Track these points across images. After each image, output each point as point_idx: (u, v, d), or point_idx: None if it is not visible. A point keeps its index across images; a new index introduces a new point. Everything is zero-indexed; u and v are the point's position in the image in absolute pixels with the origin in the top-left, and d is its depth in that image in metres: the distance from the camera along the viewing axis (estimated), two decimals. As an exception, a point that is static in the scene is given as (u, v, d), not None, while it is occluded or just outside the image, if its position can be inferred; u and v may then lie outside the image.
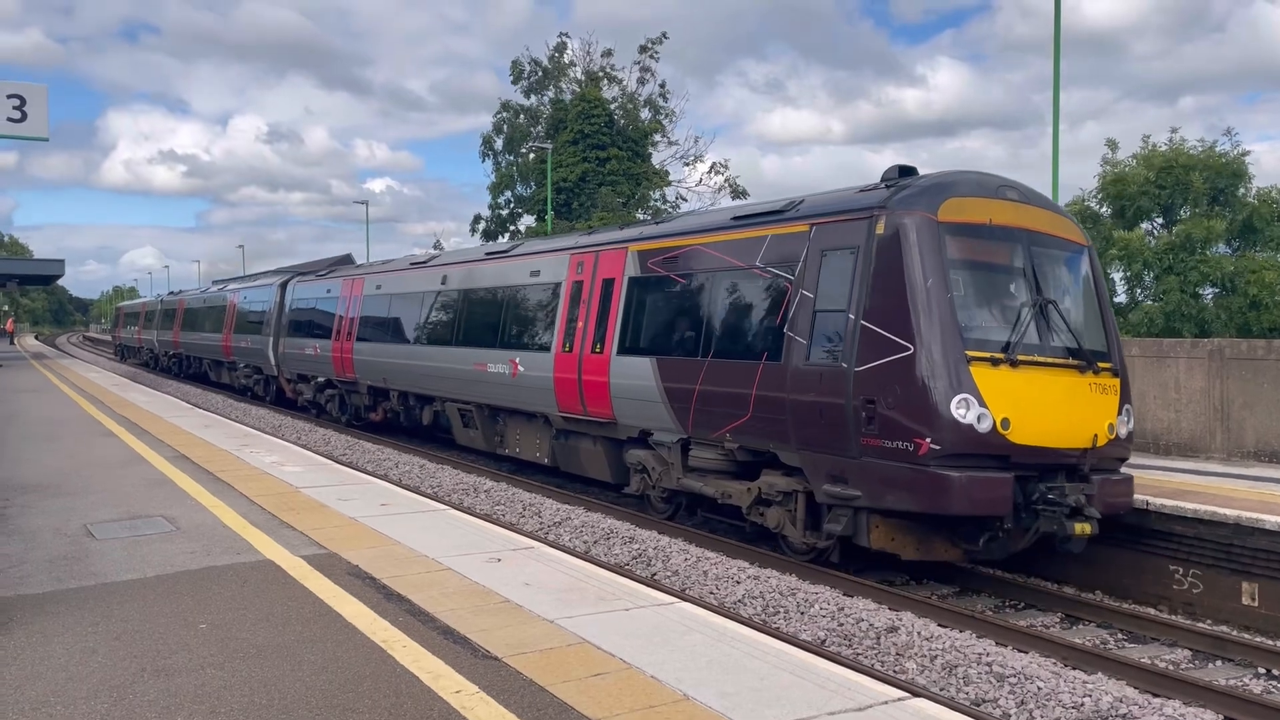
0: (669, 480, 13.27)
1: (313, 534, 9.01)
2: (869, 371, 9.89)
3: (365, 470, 16.20)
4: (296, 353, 27.94)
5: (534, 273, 16.62)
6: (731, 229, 12.47)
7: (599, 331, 14.35)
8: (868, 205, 10.47)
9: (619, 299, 14.09)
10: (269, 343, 30.18)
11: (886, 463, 9.77)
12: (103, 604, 6.81)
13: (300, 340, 27.68)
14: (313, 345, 26.52)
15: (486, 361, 17.33)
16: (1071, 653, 8.56)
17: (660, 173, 59.49)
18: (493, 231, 61.51)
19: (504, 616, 6.51)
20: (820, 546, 11.16)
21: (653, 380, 13.02)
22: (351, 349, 23.76)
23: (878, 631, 8.76)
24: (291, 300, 29.20)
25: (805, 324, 10.74)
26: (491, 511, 14.34)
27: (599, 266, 14.81)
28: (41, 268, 45.79)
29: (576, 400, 14.79)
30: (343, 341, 24.32)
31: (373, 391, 23.29)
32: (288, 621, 6.42)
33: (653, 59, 59.69)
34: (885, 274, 9.99)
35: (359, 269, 26.46)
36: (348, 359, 23.99)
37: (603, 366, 14.10)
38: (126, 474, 12.43)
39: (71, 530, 9.16)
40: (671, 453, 13.06)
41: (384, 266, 24.48)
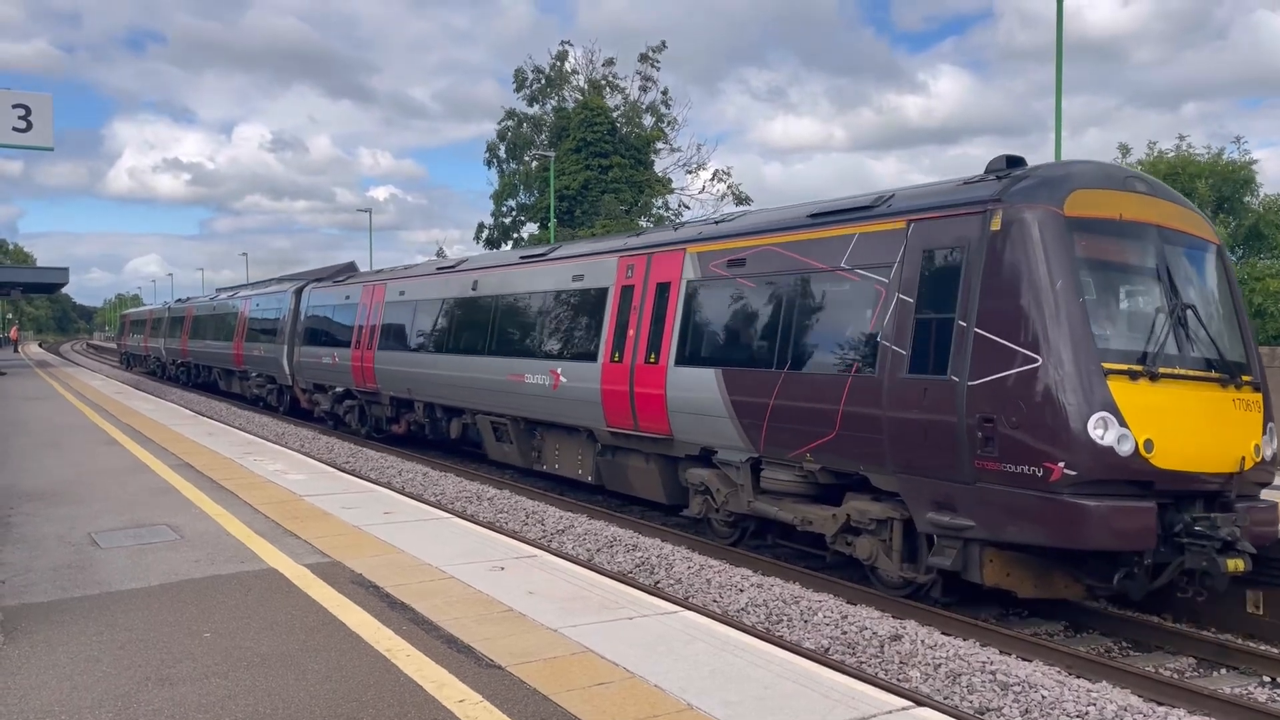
0: (737, 503, 12.12)
1: (316, 542, 9.03)
2: (986, 386, 8.85)
3: (368, 478, 16.21)
4: (313, 362, 26.90)
5: (577, 277, 15.56)
6: (810, 228, 11.38)
7: (653, 340, 13.31)
8: (979, 199, 9.40)
9: (676, 305, 13.05)
10: (283, 351, 29.18)
11: (1008, 489, 8.69)
12: (107, 613, 6.82)
13: (317, 349, 26.64)
14: (330, 354, 25.45)
15: (524, 372, 16.27)
16: (1076, 661, 8.54)
17: (663, 180, 59.62)
18: (495, 239, 61.61)
19: (507, 625, 6.51)
20: (920, 581, 10.01)
21: (717, 394, 11.96)
22: (373, 358, 22.77)
23: (881, 640, 8.75)
24: (307, 307, 28.22)
25: (904, 332, 9.72)
26: (494, 519, 14.35)
27: (652, 270, 13.74)
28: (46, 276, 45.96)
29: (627, 414, 13.78)
30: (363, 350, 23.33)
31: (396, 403, 22.29)
32: (291, 630, 6.43)
33: (654, 67, 59.88)
34: (1004, 275, 8.96)
35: (379, 274, 25.02)
36: (369, 369, 23.00)
37: (658, 378, 13.09)
38: (130, 482, 12.45)
39: (76, 538, 9.17)
40: (740, 473, 11.94)
41: (407, 271, 23.45)
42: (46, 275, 46.02)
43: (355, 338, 23.94)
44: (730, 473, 12.16)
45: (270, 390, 31.52)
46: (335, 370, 25.20)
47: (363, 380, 23.42)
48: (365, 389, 23.48)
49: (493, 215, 62.98)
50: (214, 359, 38.68)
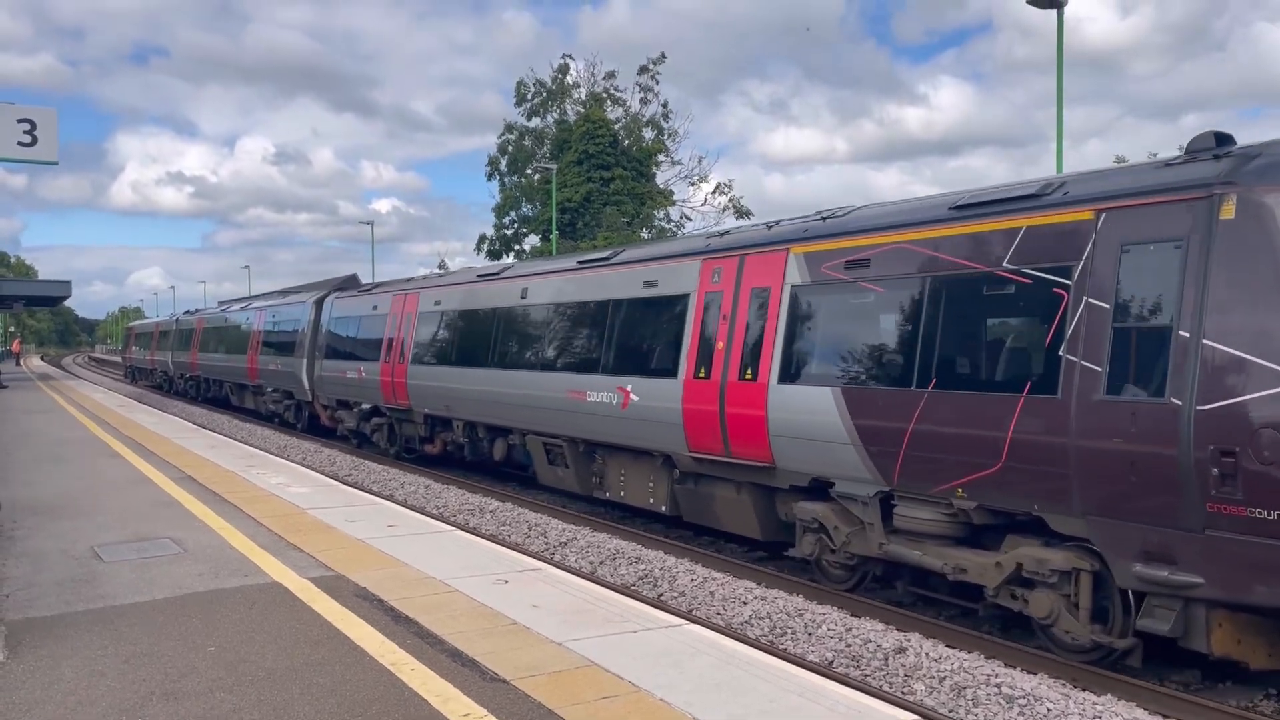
0: (862, 544, 10.48)
1: (320, 556, 9.03)
2: (1224, 411, 7.28)
3: (371, 491, 16.21)
4: (336, 376, 25.10)
5: (649, 283, 13.90)
6: (955, 221, 9.68)
7: (749, 354, 11.65)
8: (1198, 181, 7.81)
9: (778, 314, 11.38)
10: (302, 365, 27.49)
11: (1256, 540, 7.14)
12: (111, 627, 6.82)
13: (340, 363, 24.81)
14: (356, 368, 23.64)
15: (585, 389, 14.62)
16: (1080, 673, 8.52)
17: (665, 192, 59.75)
18: (498, 251, 61.73)
19: (512, 638, 6.51)
20: (1117, 647, 8.33)
21: (836, 416, 10.33)
22: (405, 373, 20.98)
23: (886, 653, 8.74)
24: (329, 318, 26.38)
25: (1097, 344, 8.12)
26: (497, 532, 14.34)
27: (745, 274, 12.05)
28: (48, 289, 46.06)
29: (715, 438, 12.10)
30: (394, 364, 21.53)
31: (430, 421, 20.56)
32: (296, 644, 6.42)
33: (655, 79, 60.09)
34: (1244, 275, 7.41)
35: (410, 283, 23.15)
36: (400, 384, 21.20)
37: (756, 398, 11.44)
38: (133, 495, 12.46)
39: (79, 552, 9.17)
40: (867, 509, 10.27)
41: (442, 280, 21.86)
42: (48, 288, 46.14)
43: (384, 351, 22.19)
44: (853, 508, 10.52)
45: (287, 406, 29.88)
46: (361, 386, 23.43)
47: (393, 396, 21.74)
48: (396, 406, 21.78)
49: (494, 227, 63.19)
50: (226, 373, 37.01)
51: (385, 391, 22.07)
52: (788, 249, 11.57)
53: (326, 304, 27.08)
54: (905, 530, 9.89)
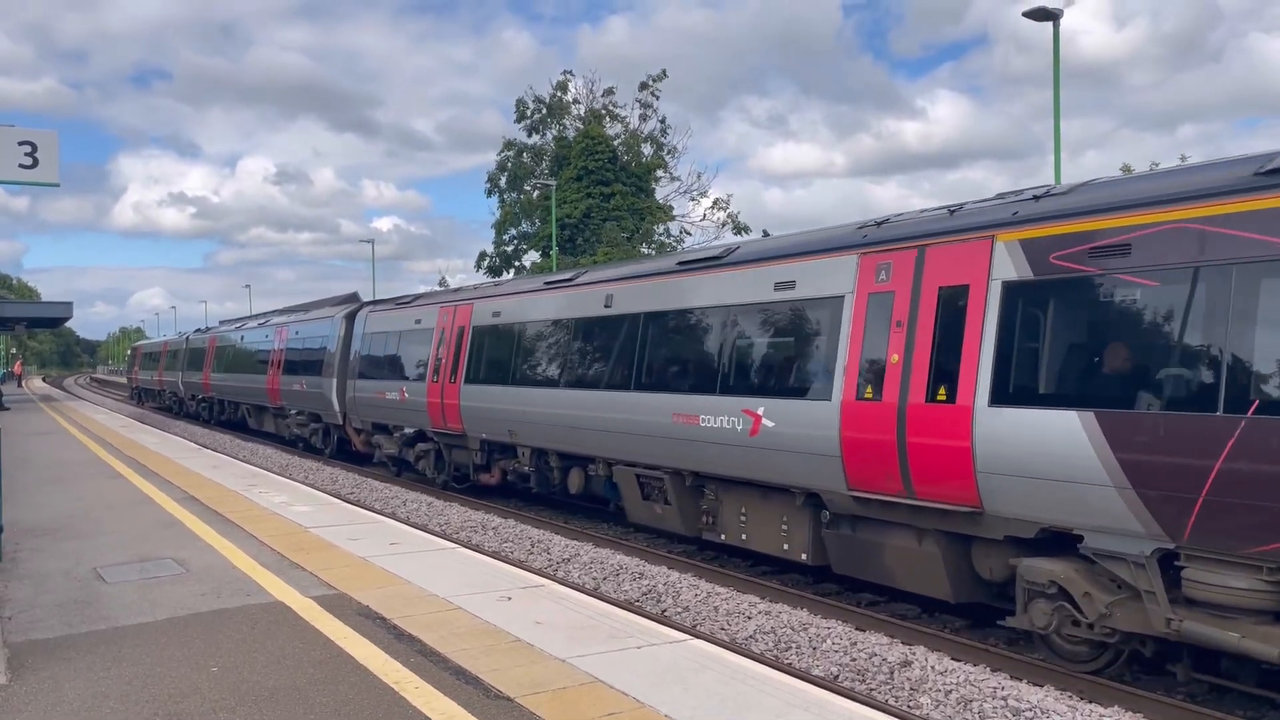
0: (1132, 618, 8.19)
1: (322, 574, 9.01)
2: None
3: (373, 509, 16.18)
4: (372, 398, 22.68)
5: (783, 285, 11.64)
6: (1268, 190, 7.40)
7: (940, 370, 9.47)
8: None
9: (983, 318, 9.18)
10: (331, 386, 25.21)
11: None
12: (114, 648, 6.81)
13: (378, 383, 22.39)
14: (397, 389, 21.24)
15: (698, 412, 12.33)
16: (1087, 686, 8.48)
17: (664, 208, 59.86)
18: (497, 268, 61.82)
19: (516, 656, 6.49)
20: None
21: (1088, 448, 8.09)
22: (457, 394, 18.59)
23: (891, 666, 8.70)
24: (363, 334, 23.94)
25: None
26: (500, 549, 14.31)
27: (926, 269, 9.86)
28: (49, 310, 46.06)
29: (889, 473, 9.86)
30: (443, 384, 19.18)
31: (488, 447, 18.28)
32: (299, 664, 6.40)
33: (654, 95, 60.31)
34: None
35: (462, 293, 20.95)
36: (452, 406, 18.79)
37: (956, 424, 9.19)
38: (135, 516, 12.44)
39: (82, 573, 9.16)
40: (1141, 573, 7.96)
41: (501, 289, 19.21)
42: (50, 310, 46.12)
43: (432, 369, 19.77)
44: (1117, 570, 8.20)
45: (314, 430, 27.47)
46: (404, 408, 20.98)
47: (442, 420, 19.32)
48: (446, 430, 19.33)
49: (494, 244, 63.31)
50: (243, 394, 34.65)
51: (433, 414, 19.66)
52: (992, 236, 9.34)
53: (359, 319, 24.61)
54: (1205, 602, 7.59)
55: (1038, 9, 22.55)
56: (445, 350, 19.46)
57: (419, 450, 20.92)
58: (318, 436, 27.36)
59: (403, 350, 21.59)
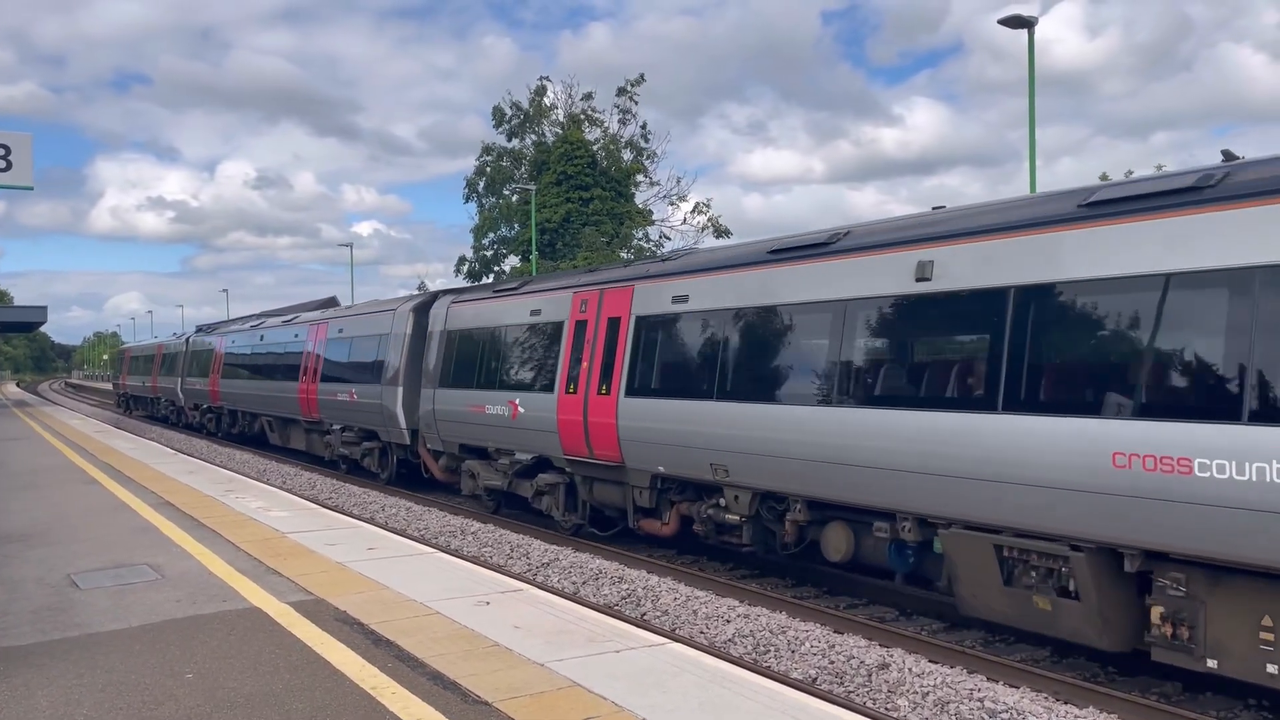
0: None
1: (299, 580, 8.96)
2: None
3: (351, 514, 16.11)
4: (462, 413, 17.75)
5: None
6: None
7: None
8: None
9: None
10: (395, 396, 20.44)
11: None
12: (87, 655, 6.74)
13: (471, 393, 17.44)
14: (503, 402, 16.32)
15: (1190, 453, 7.32)
16: (1063, 687, 8.54)
17: (644, 212, 59.94)
18: (477, 273, 61.71)
19: (494, 660, 6.47)
20: None
21: None
22: (612, 410, 13.66)
23: (869, 669, 8.74)
24: (444, 332, 18.89)
25: None
26: (479, 553, 14.27)
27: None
28: (23, 315, 45.57)
29: None
30: (587, 396, 14.24)
31: (664, 485, 13.31)
32: (275, 670, 6.36)
33: (633, 101, 60.37)
34: None
35: (611, 272, 15.19)
36: (603, 426, 13.84)
37: None
38: (110, 522, 12.33)
39: (55, 580, 9.07)
40: None
41: (691, 265, 13.32)
42: (24, 314, 45.61)
43: (564, 377, 14.87)
44: None
45: (368, 451, 22.49)
46: (516, 428, 16.02)
47: (585, 445, 14.36)
48: (588, 459, 14.38)
49: (473, 249, 63.19)
50: (263, 404, 29.51)
51: (567, 437, 14.79)
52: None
53: (437, 312, 19.50)
54: None
55: (1012, 16, 22.75)
56: (589, 351, 14.46)
57: (540, 483, 15.74)
58: (372, 458, 22.39)
59: (512, 351, 16.71)
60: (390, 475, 21.75)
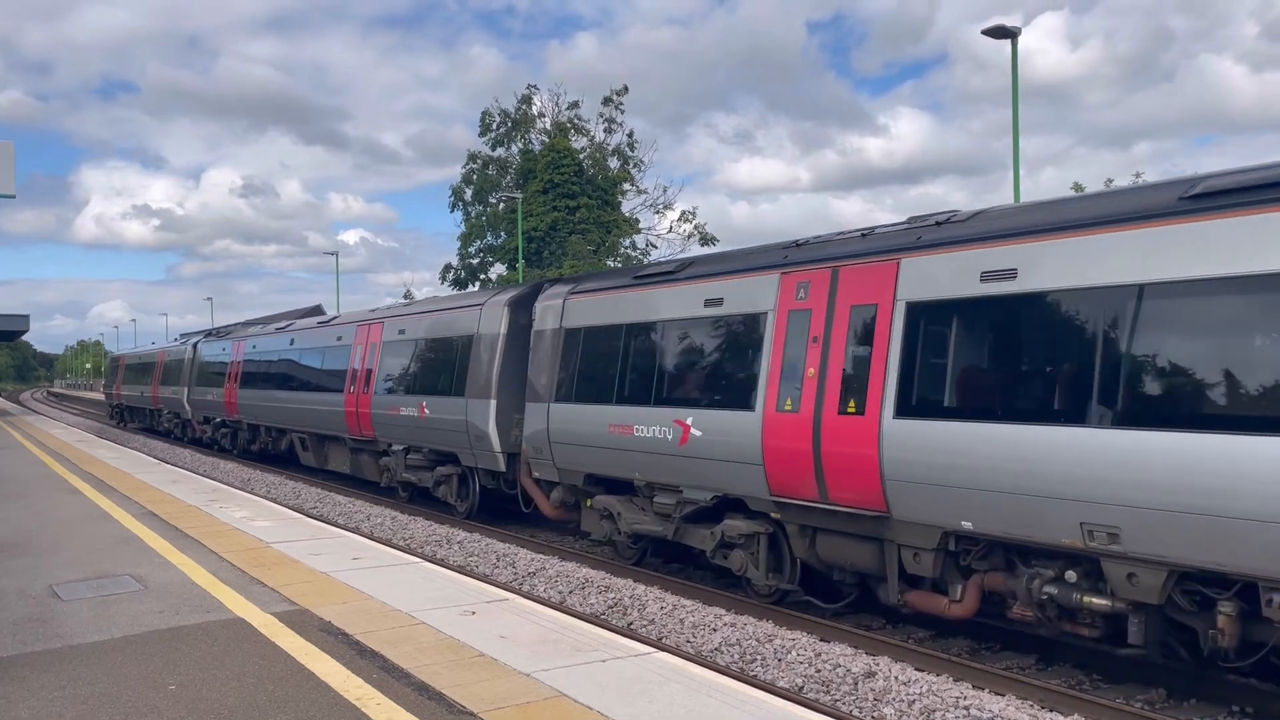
0: None
1: (284, 590, 8.91)
2: None
3: (336, 524, 16.03)
4: (590, 433, 13.79)
5: None
6: None
7: None
8: None
9: None
10: (484, 412, 16.50)
11: None
12: (69, 666, 6.69)
13: (608, 410, 13.44)
14: (663, 422, 12.35)
15: None
16: (1048, 695, 8.56)
17: (630, 220, 59.95)
18: (463, 281, 61.64)
19: (479, 671, 6.45)
20: None
21: None
22: (873, 437, 9.68)
23: (855, 677, 8.74)
24: (565, 329, 14.77)
25: None
26: (465, 563, 14.22)
27: None
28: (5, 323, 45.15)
29: None
30: (820, 416, 10.25)
31: (962, 546, 9.36)
32: (259, 681, 6.32)
33: (619, 110, 60.45)
34: None
35: (854, 243, 10.73)
36: (856, 460, 9.83)
37: None
38: (93, 532, 12.24)
39: (36, 591, 8.99)
40: None
41: (1013, 221, 9.16)
42: (6, 323, 45.20)
43: (770, 387, 10.89)
44: None
45: (441, 478, 18.58)
46: (685, 458, 12.03)
47: (813, 484, 10.34)
48: (823, 504, 10.32)
49: (459, 257, 63.11)
50: (295, 419, 25.33)
51: (779, 471, 10.68)
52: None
53: (548, 307, 15.48)
54: None
55: (996, 27, 22.90)
56: (817, 354, 10.37)
57: (729, 531, 11.60)
58: (447, 487, 18.51)
59: (677, 355, 12.66)
60: (471, 508, 17.98)
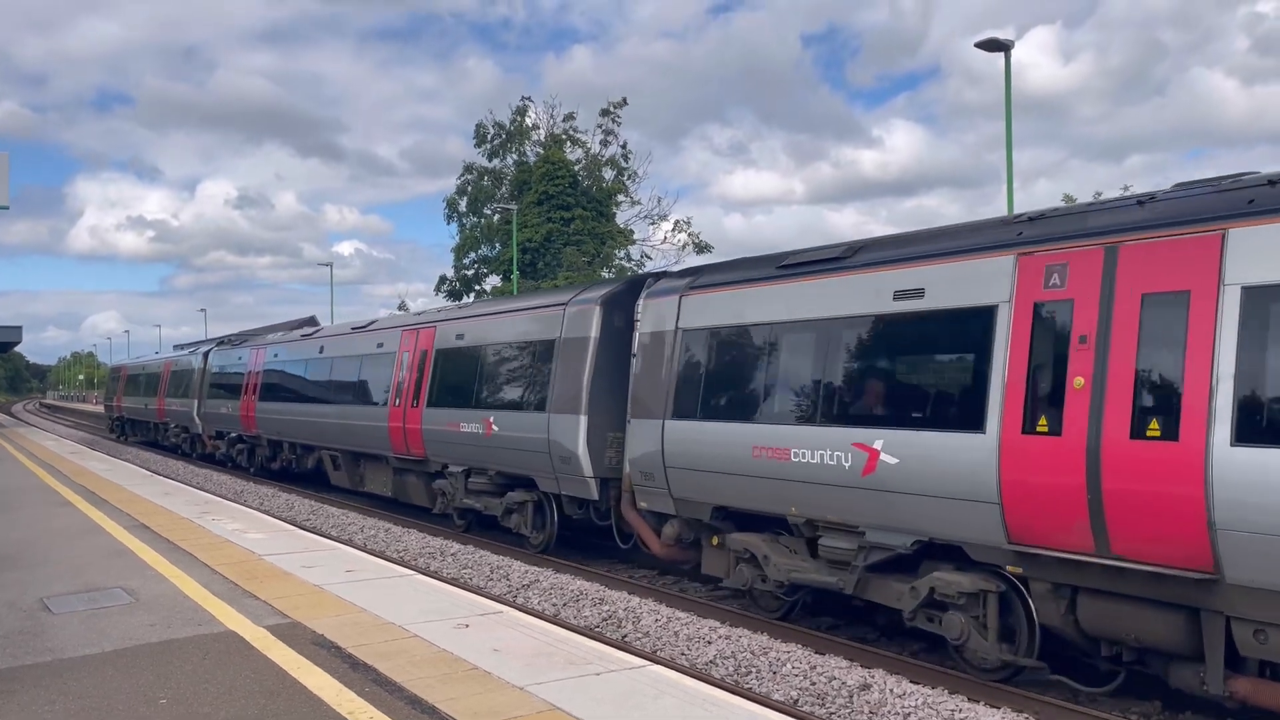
0: None
1: (276, 603, 8.86)
2: None
3: (329, 536, 15.97)
4: (723, 455, 11.33)
5: None
6: None
7: None
8: None
9: None
10: (572, 429, 14.13)
11: None
12: (59, 680, 6.64)
13: (750, 429, 10.98)
14: (836, 447, 9.87)
15: None
16: (1044, 707, 8.54)
17: (625, 232, 60.03)
18: (458, 292, 61.64)
19: (472, 684, 6.41)
20: None
21: None
22: (1203, 470, 6.98)
23: (850, 690, 8.71)
24: (682, 331, 12.31)
25: None
26: (459, 575, 14.16)
27: None
28: (-2, 335, 45.03)
29: None
30: (1107, 434, 7.63)
31: None
32: (251, 694, 6.28)
33: (615, 122, 60.58)
34: None
35: (1157, 207, 7.80)
36: (1181, 500, 7.13)
37: None
38: (84, 544, 12.17)
39: (27, 604, 8.94)
40: None
41: None
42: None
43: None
44: None
45: (513, 505, 15.99)
46: (879, 492, 9.46)
47: (1101, 530, 7.67)
48: (1110, 557, 7.66)
49: (454, 268, 63.15)
50: (326, 435, 22.99)
51: (1035, 510, 8.15)
52: None
53: (656, 306, 12.93)
54: None
55: (989, 40, 23.02)
56: (1117, 354, 7.74)
57: (941, 587, 9.08)
58: (521, 515, 15.91)
59: (862, 360, 9.97)
60: (549, 540, 15.55)
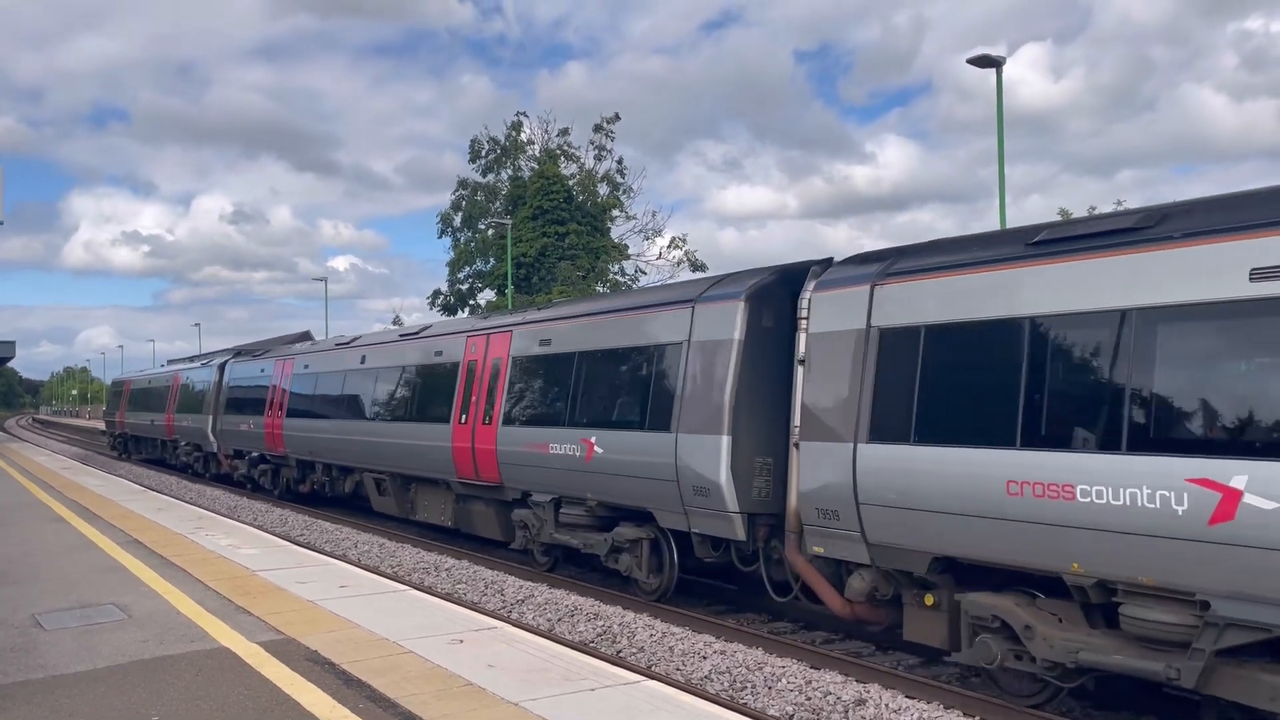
0: None
1: (270, 619, 8.83)
2: None
3: (323, 551, 15.91)
4: (955, 495, 8.62)
5: None
6: None
7: None
8: None
9: None
10: (710, 452, 11.40)
11: None
12: (51, 697, 6.61)
13: (997, 460, 8.27)
14: (1162, 483, 7.04)
15: None
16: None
17: (619, 246, 60.14)
18: (452, 306, 61.67)
19: (467, 700, 6.39)
20: None
21: None
22: None
23: (846, 705, 8.69)
24: (881, 330, 9.58)
25: None
26: (453, 590, 14.12)
27: None
28: (-9, 350, 44.87)
29: None
30: None
31: None
32: (244, 711, 6.26)
33: (608, 137, 60.78)
34: None
35: None
36: None
37: None
38: (77, 560, 12.13)
39: (19, 620, 8.89)
40: None
41: None
42: (-8, 349, 44.96)
43: None
44: None
45: (621, 543, 13.12)
46: None
47: None
48: None
49: (449, 283, 63.16)
50: (370, 455, 20.26)
51: None
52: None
53: (830, 299, 10.22)
54: None
55: (981, 56, 23.13)
56: None
57: None
58: (634, 556, 13.06)
59: (1197, 368, 7.34)
60: (667, 586, 12.92)
